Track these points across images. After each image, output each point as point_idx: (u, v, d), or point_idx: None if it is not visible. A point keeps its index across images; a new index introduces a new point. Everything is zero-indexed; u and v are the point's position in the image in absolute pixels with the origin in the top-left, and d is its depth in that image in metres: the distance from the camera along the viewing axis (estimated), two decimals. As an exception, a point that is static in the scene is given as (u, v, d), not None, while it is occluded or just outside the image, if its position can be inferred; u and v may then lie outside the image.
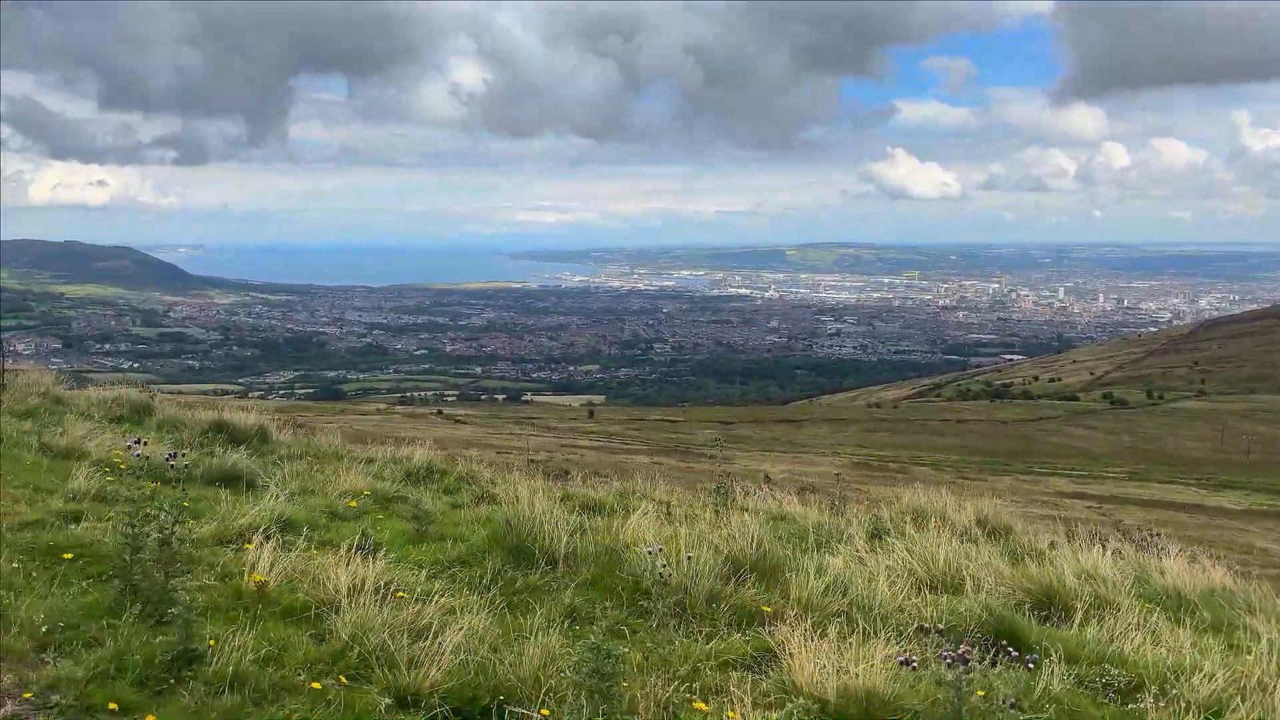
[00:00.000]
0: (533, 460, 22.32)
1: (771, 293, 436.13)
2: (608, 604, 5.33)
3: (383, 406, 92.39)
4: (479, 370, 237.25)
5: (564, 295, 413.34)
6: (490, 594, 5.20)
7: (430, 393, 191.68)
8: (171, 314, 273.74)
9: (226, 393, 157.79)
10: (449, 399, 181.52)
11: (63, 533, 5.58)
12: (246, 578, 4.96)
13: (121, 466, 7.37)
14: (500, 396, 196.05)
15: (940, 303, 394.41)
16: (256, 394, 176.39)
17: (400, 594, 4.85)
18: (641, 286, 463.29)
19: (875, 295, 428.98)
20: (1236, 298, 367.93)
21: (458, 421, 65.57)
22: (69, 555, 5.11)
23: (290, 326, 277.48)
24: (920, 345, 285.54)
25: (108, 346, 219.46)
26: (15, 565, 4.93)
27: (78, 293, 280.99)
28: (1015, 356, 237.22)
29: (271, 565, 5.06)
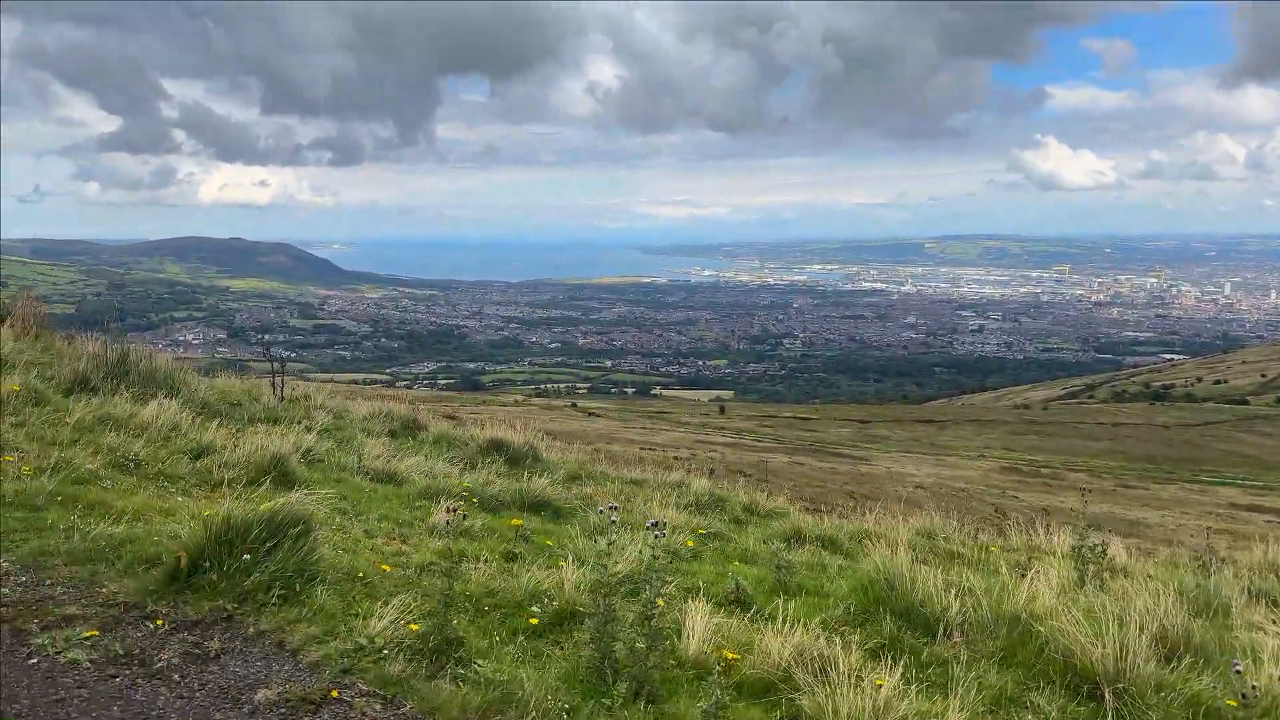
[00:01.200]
0: (676, 458, 22.33)
1: (909, 287, 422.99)
2: (1039, 688, 4.57)
3: (520, 398, 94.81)
4: (609, 364, 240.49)
5: (693, 290, 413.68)
6: (896, 667, 4.39)
7: (563, 384, 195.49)
8: (325, 307, 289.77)
9: (375, 381, 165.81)
10: (580, 391, 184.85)
11: (503, 583, 5.29)
12: (684, 641, 4.58)
13: (462, 495, 7.40)
14: (630, 390, 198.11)
15: (1093, 298, 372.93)
16: (403, 383, 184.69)
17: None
18: (772, 281, 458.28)
19: (1022, 290, 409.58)
20: None
21: (591, 414, 66.48)
22: (534, 619, 4.86)
23: (434, 320, 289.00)
24: (1070, 343, 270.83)
25: (267, 337, 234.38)
26: (468, 621, 4.70)
27: (241, 286, 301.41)
28: (1175, 356, 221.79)
29: (704, 629, 4.66)
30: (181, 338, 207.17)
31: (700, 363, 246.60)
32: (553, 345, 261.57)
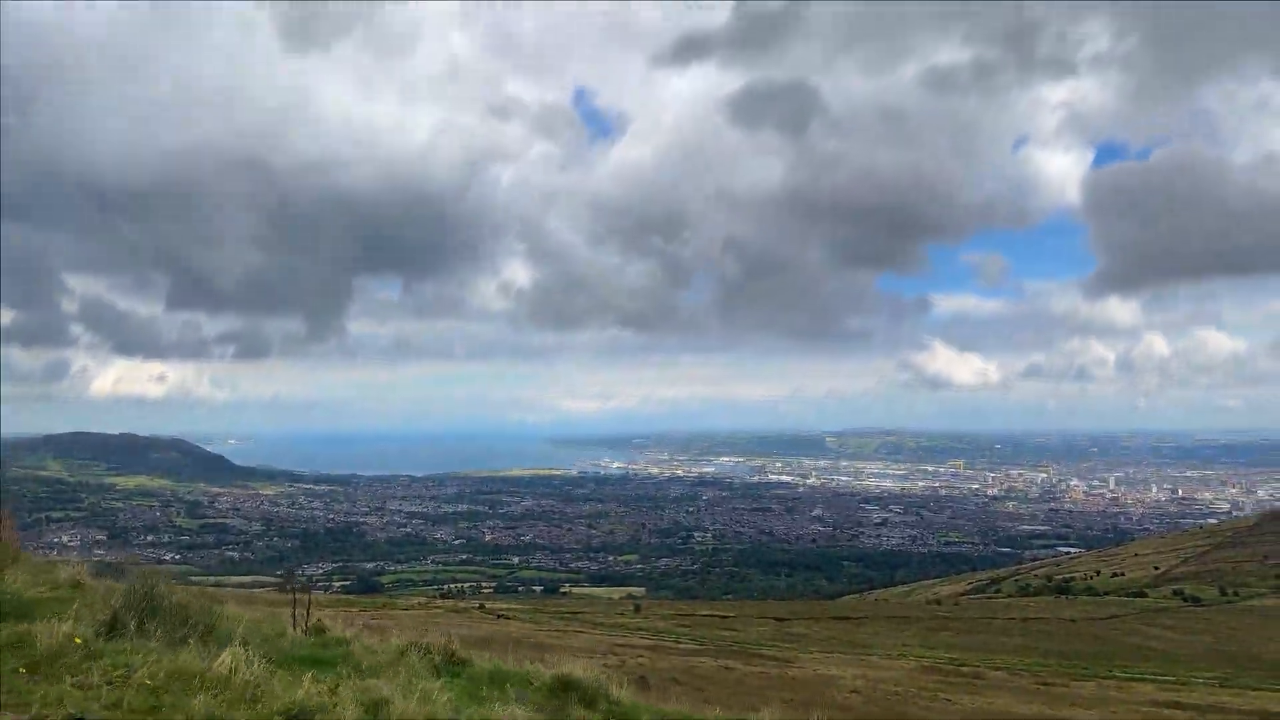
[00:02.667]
0: (608, 666, 21.25)
1: (813, 480, 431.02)
2: None
3: (423, 599, 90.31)
4: (516, 560, 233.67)
5: (603, 482, 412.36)
6: None
7: (467, 584, 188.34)
8: (215, 505, 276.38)
9: (264, 584, 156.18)
10: (485, 590, 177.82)
11: None
12: None
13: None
14: (538, 588, 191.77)
15: (989, 492, 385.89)
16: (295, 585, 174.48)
17: None
18: (681, 473, 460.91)
19: (920, 483, 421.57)
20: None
21: (501, 616, 63.65)
22: None
23: (332, 517, 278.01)
24: (971, 536, 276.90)
25: (151, 538, 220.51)
26: None
27: (127, 484, 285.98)
28: (1071, 549, 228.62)
29: None
30: (57, 539, 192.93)
31: (610, 557, 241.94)
32: (457, 542, 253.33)
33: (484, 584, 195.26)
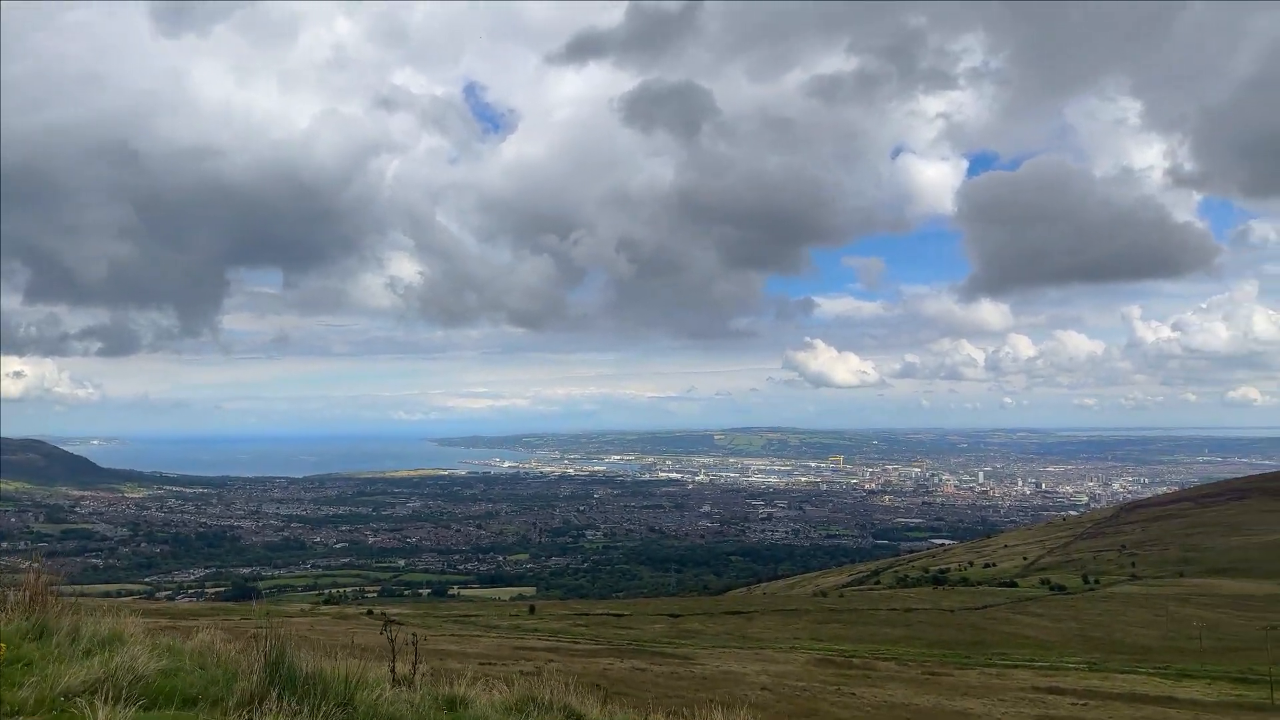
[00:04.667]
0: (522, 672, 20.64)
1: (702, 477, 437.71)
2: None
3: (306, 606, 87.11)
4: (402, 563, 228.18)
5: (493, 482, 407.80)
6: None
7: (350, 589, 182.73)
8: (78, 509, 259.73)
9: (130, 593, 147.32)
10: (370, 594, 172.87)
11: None
12: None
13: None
14: (425, 591, 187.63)
15: (866, 486, 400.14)
16: (164, 594, 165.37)
17: None
18: (572, 472, 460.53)
19: (803, 479, 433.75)
20: (1146, 480, 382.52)
21: (393, 622, 61.70)
22: None
23: (204, 521, 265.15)
24: (850, 530, 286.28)
25: (5, 545, 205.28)
26: None
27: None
28: (944, 541, 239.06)
29: None
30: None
31: (501, 558, 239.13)
32: (339, 545, 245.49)
33: (367, 588, 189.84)
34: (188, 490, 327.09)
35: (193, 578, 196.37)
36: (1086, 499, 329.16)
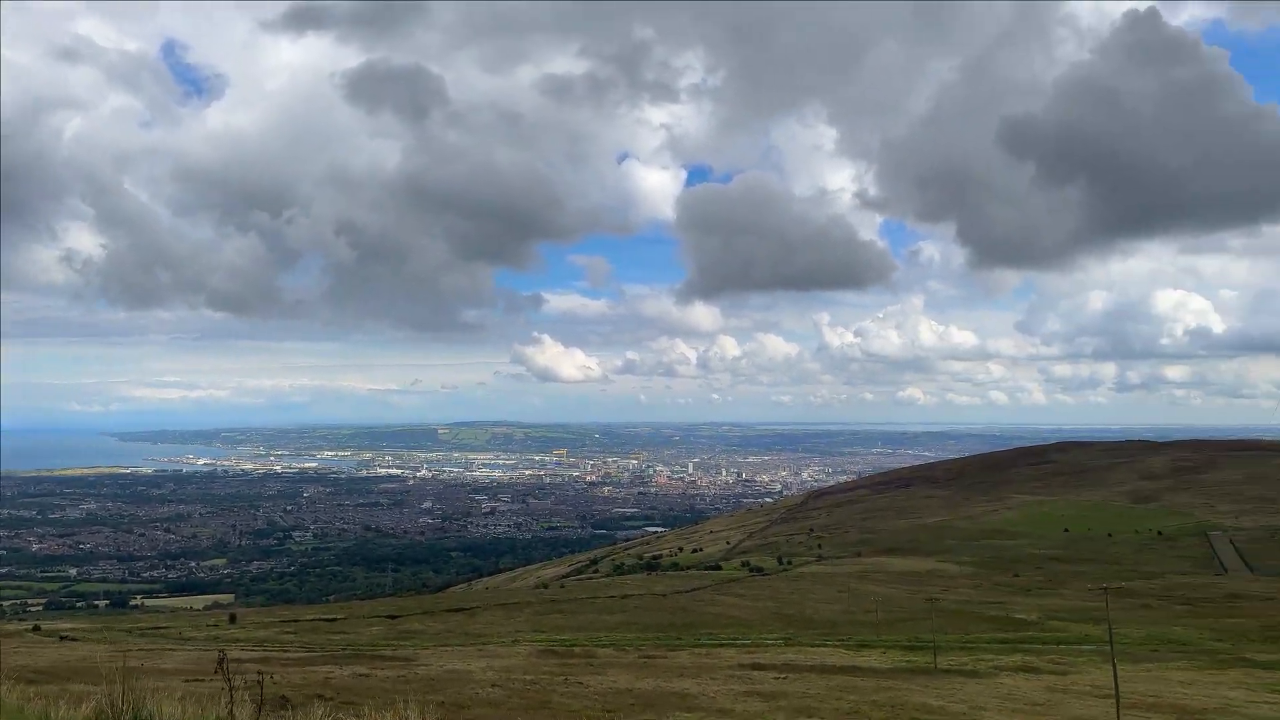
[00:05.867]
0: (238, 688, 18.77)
1: (424, 472, 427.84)
2: None
3: (-51, 627, 74.63)
4: (74, 572, 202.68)
5: (186, 481, 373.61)
6: None
7: (8, 602, 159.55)
8: None
9: None
10: (34, 608, 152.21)
11: None
12: None
13: None
14: (102, 602, 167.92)
15: (588, 479, 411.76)
16: None
17: None
18: (280, 469, 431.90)
19: (528, 473, 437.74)
20: (831, 470, 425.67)
21: (65, 639, 54.50)
22: None
23: None
24: (571, 521, 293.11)
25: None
26: None
27: None
28: (657, 528, 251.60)
29: None
30: None
31: (193, 564, 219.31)
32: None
33: (31, 601, 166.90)
34: None
35: None
36: (780, 487, 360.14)
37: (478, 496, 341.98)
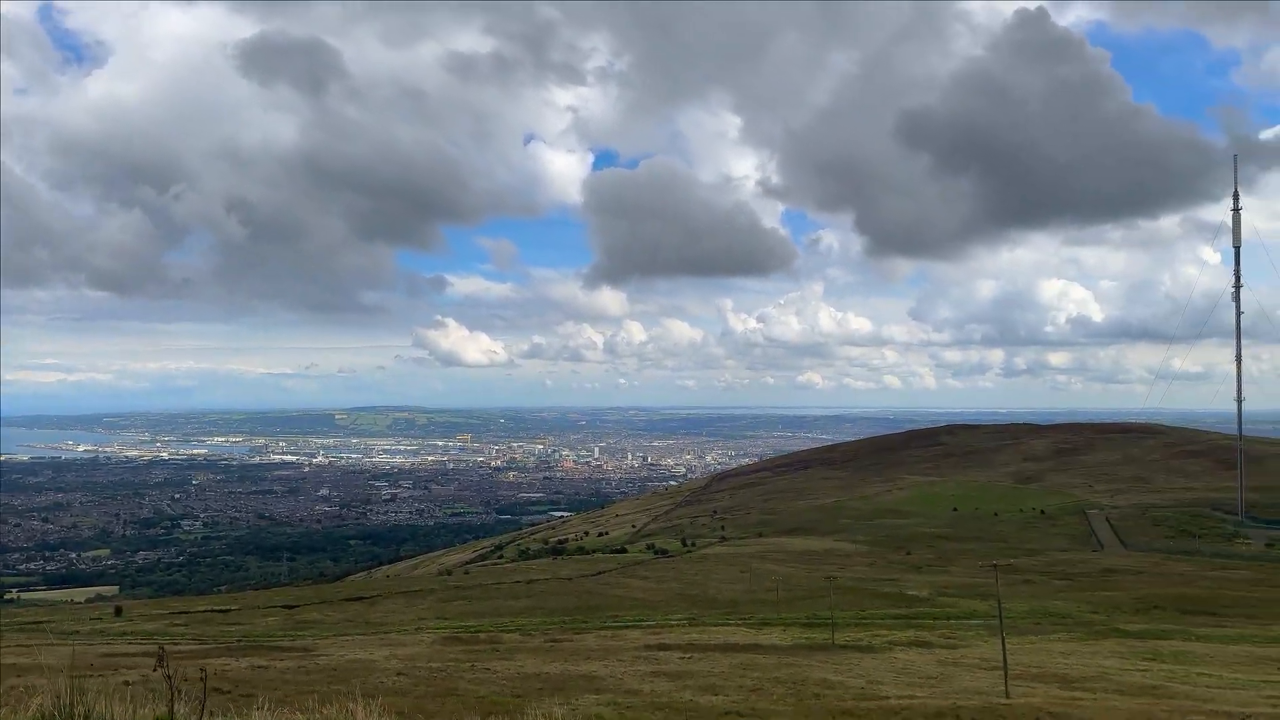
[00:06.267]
0: (129, 683, 17.98)
1: (321, 459, 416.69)
2: None
3: None
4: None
5: (65, 468, 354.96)
6: None
7: None
8: None
9: None
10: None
11: None
12: None
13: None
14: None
15: (493, 464, 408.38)
16: None
17: None
18: (166, 456, 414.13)
19: (430, 458, 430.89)
20: (734, 453, 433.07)
21: (-71, 639, 51.15)
22: None
23: None
24: (476, 506, 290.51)
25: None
26: None
27: None
28: (563, 513, 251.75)
29: None
30: None
31: (74, 555, 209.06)
32: None
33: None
34: None
35: None
36: (685, 470, 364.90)
37: (378, 483, 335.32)
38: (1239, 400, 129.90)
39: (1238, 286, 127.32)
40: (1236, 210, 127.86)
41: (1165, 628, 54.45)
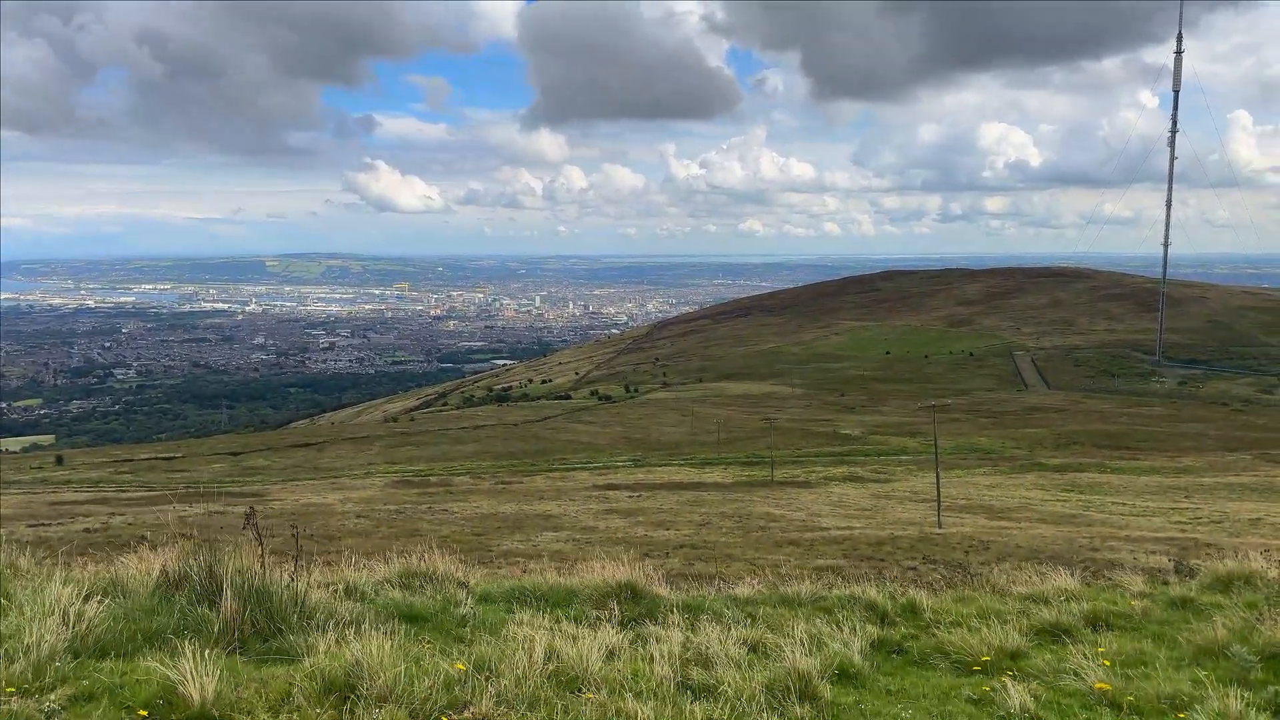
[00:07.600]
0: (89, 530, 17.94)
1: (254, 306, 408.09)
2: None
3: None
4: None
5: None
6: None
7: None
8: None
9: None
10: None
11: None
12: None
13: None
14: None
15: (432, 313, 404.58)
16: None
17: None
18: (93, 304, 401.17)
19: (367, 307, 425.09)
20: (675, 301, 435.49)
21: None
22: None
23: None
24: (416, 355, 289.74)
25: None
26: None
27: None
28: (505, 361, 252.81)
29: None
30: None
31: (5, 405, 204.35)
32: None
33: None
34: None
35: None
36: (626, 319, 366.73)
37: (314, 331, 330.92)
38: (1165, 245, 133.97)
39: (1174, 131, 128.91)
40: (1179, 53, 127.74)
41: (1083, 461, 57.98)
